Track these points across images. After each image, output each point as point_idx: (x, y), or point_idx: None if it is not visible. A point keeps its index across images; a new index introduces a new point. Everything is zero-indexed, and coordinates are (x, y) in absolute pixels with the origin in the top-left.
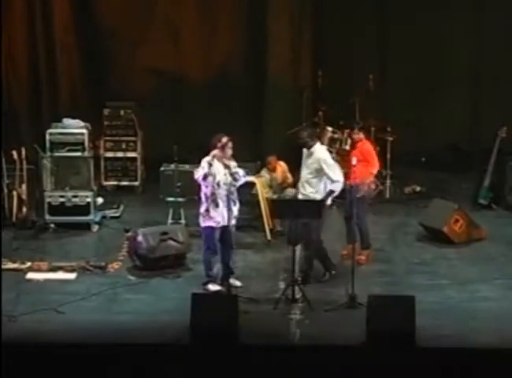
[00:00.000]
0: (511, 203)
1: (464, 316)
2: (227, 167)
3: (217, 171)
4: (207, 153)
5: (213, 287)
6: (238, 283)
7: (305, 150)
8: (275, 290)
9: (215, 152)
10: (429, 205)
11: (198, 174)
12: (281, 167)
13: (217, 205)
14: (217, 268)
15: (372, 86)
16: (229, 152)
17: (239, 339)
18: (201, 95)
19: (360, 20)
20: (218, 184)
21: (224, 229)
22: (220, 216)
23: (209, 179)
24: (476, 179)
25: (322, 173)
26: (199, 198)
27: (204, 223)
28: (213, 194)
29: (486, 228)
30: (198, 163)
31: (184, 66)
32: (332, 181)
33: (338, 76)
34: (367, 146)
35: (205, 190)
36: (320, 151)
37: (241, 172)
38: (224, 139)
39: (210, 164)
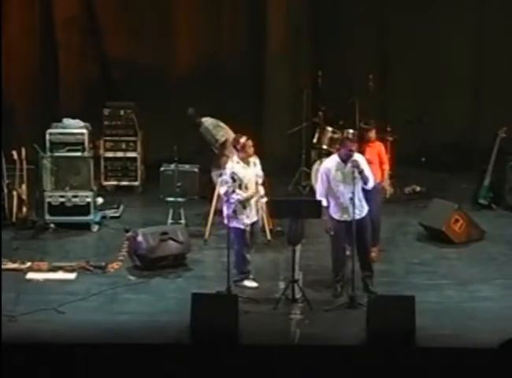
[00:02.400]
0: (511, 203)
1: (464, 316)
2: (254, 164)
3: (242, 175)
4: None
5: (249, 284)
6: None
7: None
8: (275, 290)
9: (234, 158)
10: (429, 205)
11: (223, 190)
12: None
13: (244, 207)
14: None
15: (372, 86)
16: (250, 151)
17: (239, 339)
18: (200, 95)
19: (360, 19)
20: (246, 187)
21: (253, 225)
22: (247, 217)
23: (238, 192)
24: (476, 179)
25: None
26: (225, 199)
27: (231, 224)
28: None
29: (486, 228)
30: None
31: (183, 65)
32: (367, 185)
33: (338, 76)
34: (378, 143)
35: (235, 195)
36: (359, 156)
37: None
38: (242, 140)
39: (233, 178)
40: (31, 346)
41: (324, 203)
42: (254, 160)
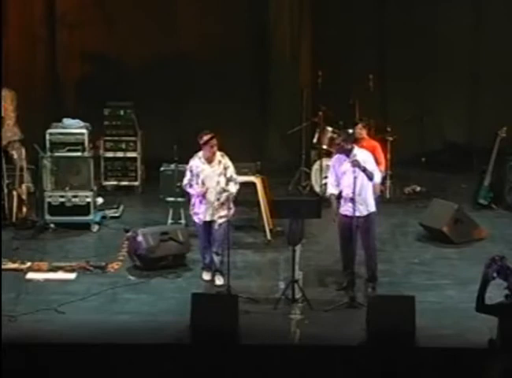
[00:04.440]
0: (511, 203)
1: (464, 316)
2: (219, 163)
3: (200, 170)
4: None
5: (205, 276)
6: (219, 282)
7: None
8: (275, 290)
9: (199, 153)
10: (429, 205)
11: (183, 183)
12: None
13: (200, 202)
14: (210, 257)
15: (372, 86)
16: (213, 149)
17: (239, 339)
18: (200, 95)
19: (360, 19)
20: (203, 183)
21: (210, 224)
22: (203, 212)
23: (195, 186)
24: (476, 179)
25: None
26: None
27: (192, 216)
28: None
29: (486, 228)
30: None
31: (183, 64)
32: (373, 181)
33: (338, 76)
34: (372, 144)
35: (191, 189)
36: (362, 152)
37: (234, 182)
38: (205, 137)
39: (191, 171)
40: (31, 346)
41: (333, 191)
42: (222, 160)
